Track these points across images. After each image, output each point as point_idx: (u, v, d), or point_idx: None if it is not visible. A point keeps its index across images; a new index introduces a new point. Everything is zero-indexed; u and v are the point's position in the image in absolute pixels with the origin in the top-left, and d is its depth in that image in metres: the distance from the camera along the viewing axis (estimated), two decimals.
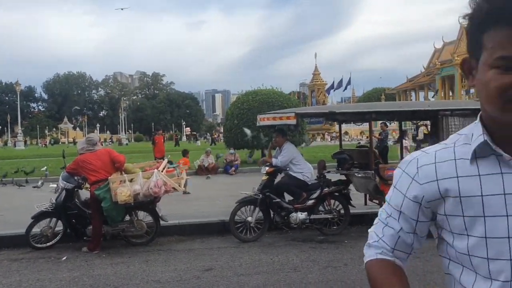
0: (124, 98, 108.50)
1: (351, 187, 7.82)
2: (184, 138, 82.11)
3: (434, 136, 7.22)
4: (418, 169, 1.07)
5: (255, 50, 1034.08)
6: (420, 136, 13.08)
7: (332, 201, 7.39)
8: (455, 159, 1.03)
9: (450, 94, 50.63)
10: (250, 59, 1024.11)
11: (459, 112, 6.93)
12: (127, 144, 66.01)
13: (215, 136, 64.50)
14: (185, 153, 15.59)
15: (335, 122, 11.28)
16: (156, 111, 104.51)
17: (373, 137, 8.89)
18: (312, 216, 7.18)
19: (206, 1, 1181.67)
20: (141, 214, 7.08)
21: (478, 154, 1.00)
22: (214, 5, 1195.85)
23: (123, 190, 6.44)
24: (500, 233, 0.96)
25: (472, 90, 44.18)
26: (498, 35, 0.89)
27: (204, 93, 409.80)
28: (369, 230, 1.20)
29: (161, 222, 7.11)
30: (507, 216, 0.96)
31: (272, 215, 7.21)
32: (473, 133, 1.03)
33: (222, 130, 43.86)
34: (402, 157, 10.53)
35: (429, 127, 9.38)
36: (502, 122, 0.95)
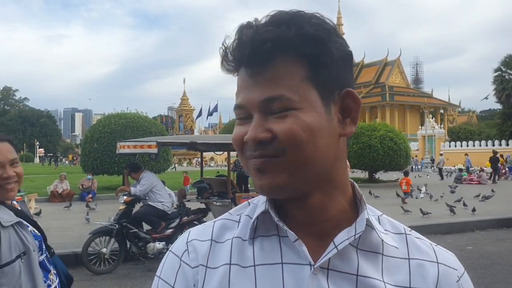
0: None
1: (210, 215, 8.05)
2: (37, 159, 75.60)
3: None
4: (187, 245, 0.77)
5: (122, 70, 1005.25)
6: None
7: None
8: (232, 238, 0.76)
9: None
10: (116, 78, 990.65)
11: None
12: None
13: (72, 158, 60.70)
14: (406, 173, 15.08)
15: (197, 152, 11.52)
16: (6, 129, 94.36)
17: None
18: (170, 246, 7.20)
19: (68, 15, 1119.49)
20: None
21: (259, 231, 0.74)
22: (77, 19, 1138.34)
23: None
24: None
25: None
26: (238, 80, 0.73)
27: (63, 111, 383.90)
28: None
29: None
30: None
31: (128, 246, 7.07)
32: (259, 201, 0.78)
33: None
34: None
35: None
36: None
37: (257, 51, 0.68)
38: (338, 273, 0.71)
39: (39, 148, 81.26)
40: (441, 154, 33.86)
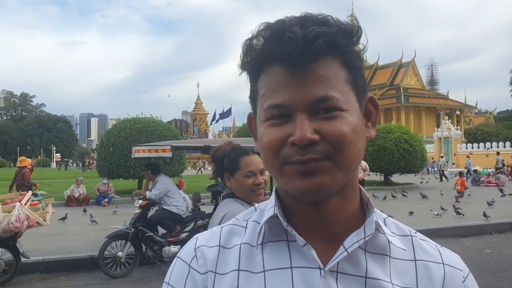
0: None
1: None
2: (53, 164, 76.64)
3: None
4: (196, 251, 0.77)
5: (137, 75, 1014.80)
6: None
7: None
8: (240, 244, 0.76)
9: None
10: (131, 83, 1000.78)
11: None
12: None
13: (88, 163, 61.38)
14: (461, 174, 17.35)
15: None
16: (23, 135, 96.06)
17: None
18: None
19: (85, 21, 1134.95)
20: None
21: (267, 237, 0.74)
22: (93, 26, 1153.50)
23: None
24: None
25: None
26: (268, 79, 0.70)
27: (79, 117, 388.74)
28: None
29: (22, 259, 6.59)
30: None
31: (144, 249, 7.11)
32: (266, 206, 0.78)
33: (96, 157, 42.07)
34: None
35: None
36: (288, 192, 0.72)
37: (309, 48, 0.66)
38: (348, 276, 0.71)
39: (55, 153, 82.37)
40: (441, 157, 33.36)
